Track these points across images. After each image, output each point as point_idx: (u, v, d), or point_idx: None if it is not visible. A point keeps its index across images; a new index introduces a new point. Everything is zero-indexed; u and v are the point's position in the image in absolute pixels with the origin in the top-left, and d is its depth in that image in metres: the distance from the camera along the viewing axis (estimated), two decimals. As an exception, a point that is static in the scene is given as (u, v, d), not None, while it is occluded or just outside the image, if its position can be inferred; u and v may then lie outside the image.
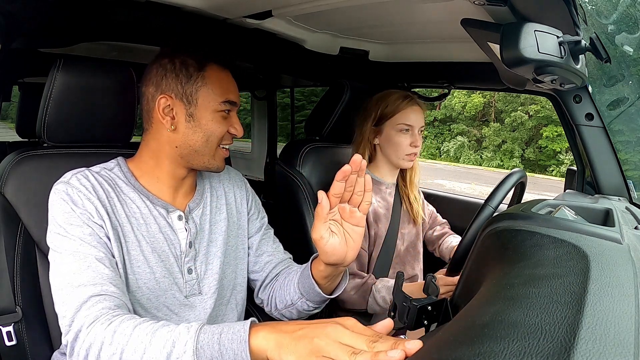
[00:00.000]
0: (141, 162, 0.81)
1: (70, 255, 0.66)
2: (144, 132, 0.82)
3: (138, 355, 0.55)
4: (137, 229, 0.75)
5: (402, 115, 1.24)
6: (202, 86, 0.76)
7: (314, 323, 0.52)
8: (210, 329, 0.56)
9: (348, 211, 0.69)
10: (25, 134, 2.56)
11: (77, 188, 0.71)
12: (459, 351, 0.29)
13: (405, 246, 1.32)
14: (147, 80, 0.78)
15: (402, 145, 1.25)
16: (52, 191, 0.72)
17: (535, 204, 0.69)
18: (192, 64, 0.77)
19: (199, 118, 0.77)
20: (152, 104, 0.78)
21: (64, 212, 0.69)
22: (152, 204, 0.78)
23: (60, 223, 0.69)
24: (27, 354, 0.81)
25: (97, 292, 0.63)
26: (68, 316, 0.62)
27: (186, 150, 0.78)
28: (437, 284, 0.66)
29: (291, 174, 1.33)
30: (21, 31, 0.92)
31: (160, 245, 0.77)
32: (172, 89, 0.76)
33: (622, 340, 0.28)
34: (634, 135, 1.32)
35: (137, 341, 0.56)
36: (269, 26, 1.11)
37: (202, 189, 0.87)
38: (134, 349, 0.56)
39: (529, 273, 0.41)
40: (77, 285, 0.64)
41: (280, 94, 3.14)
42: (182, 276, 0.79)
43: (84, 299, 0.62)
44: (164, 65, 0.77)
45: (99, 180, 0.74)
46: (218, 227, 0.86)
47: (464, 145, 17.95)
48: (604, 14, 1.13)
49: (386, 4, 0.93)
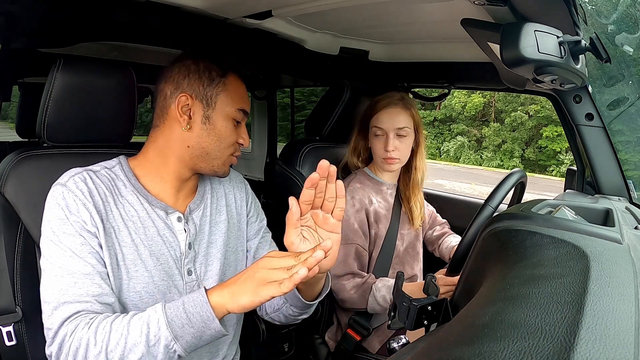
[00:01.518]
0: (146, 160, 0.81)
1: (59, 268, 0.67)
2: (152, 129, 0.81)
3: (120, 347, 0.61)
4: (135, 232, 0.75)
5: (376, 119, 1.23)
6: (222, 91, 0.79)
7: (248, 268, 0.64)
8: (173, 304, 0.64)
9: (321, 217, 0.69)
10: (25, 134, 2.56)
11: (73, 192, 0.71)
12: (459, 351, 0.29)
13: (404, 246, 1.32)
14: (167, 78, 0.79)
15: (376, 149, 1.24)
16: (50, 192, 0.72)
17: (535, 204, 0.69)
18: (215, 69, 0.79)
19: (215, 122, 0.79)
20: (169, 101, 0.78)
21: (59, 219, 0.69)
22: (150, 205, 0.78)
23: (54, 229, 0.69)
24: (27, 354, 0.81)
25: (81, 309, 0.66)
26: (53, 329, 0.65)
27: (197, 152, 0.79)
28: (437, 284, 0.66)
29: (291, 174, 1.33)
30: (21, 31, 0.92)
31: (159, 248, 0.77)
32: (193, 89, 0.77)
33: (622, 340, 0.28)
34: (634, 135, 1.31)
35: (116, 335, 0.62)
36: (269, 26, 1.11)
37: (203, 191, 0.87)
38: (116, 342, 0.61)
39: (529, 273, 0.41)
40: (63, 302, 0.66)
41: (280, 94, 3.14)
42: (181, 278, 0.79)
43: (67, 315, 0.65)
44: (187, 66, 0.78)
45: (96, 183, 0.74)
46: (218, 229, 0.87)
47: (464, 145, 17.95)
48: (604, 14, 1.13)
49: (386, 4, 0.93)
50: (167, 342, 0.61)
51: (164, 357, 0.62)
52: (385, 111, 1.21)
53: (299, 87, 2.74)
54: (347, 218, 1.21)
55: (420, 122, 1.28)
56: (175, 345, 0.62)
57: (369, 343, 1.25)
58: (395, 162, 1.23)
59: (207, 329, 0.63)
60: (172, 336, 0.61)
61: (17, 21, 0.86)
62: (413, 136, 1.25)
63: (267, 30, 1.14)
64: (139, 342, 0.61)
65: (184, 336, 0.62)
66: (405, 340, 0.86)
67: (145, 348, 0.61)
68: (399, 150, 1.22)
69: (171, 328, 0.62)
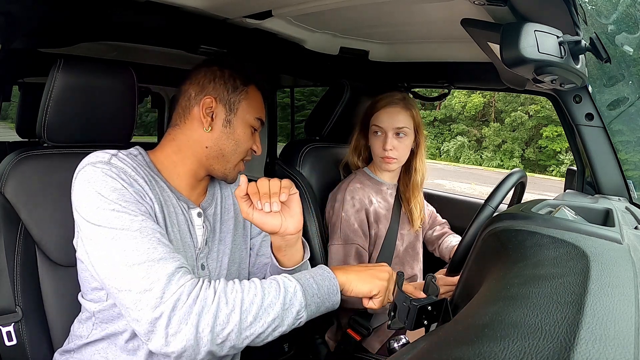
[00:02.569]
0: (163, 155, 0.82)
1: (137, 231, 0.64)
2: (171, 127, 0.83)
3: (256, 305, 0.63)
4: (168, 216, 0.76)
5: (375, 117, 1.23)
6: (244, 99, 0.83)
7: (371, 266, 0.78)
8: (302, 275, 0.70)
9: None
10: (25, 134, 2.55)
11: (121, 168, 0.70)
12: (459, 351, 0.29)
13: (404, 247, 1.31)
14: (193, 80, 0.82)
15: (375, 148, 1.24)
16: (88, 169, 0.68)
17: (535, 204, 0.69)
18: (239, 78, 0.83)
19: (235, 127, 0.82)
20: (193, 102, 0.81)
21: (115, 189, 0.66)
22: (176, 197, 0.80)
23: (112, 199, 0.65)
24: (27, 354, 0.81)
25: (179, 264, 0.63)
26: (156, 289, 0.59)
27: (215, 153, 0.82)
28: (437, 284, 0.66)
29: (291, 173, 1.33)
30: (21, 31, 0.92)
31: (184, 236, 0.79)
32: (218, 93, 0.81)
33: (622, 340, 0.28)
34: (634, 135, 1.31)
35: (250, 294, 0.63)
36: (269, 26, 1.11)
37: (213, 190, 0.90)
38: (251, 300, 0.63)
39: (529, 273, 0.41)
40: (158, 259, 0.62)
41: (280, 94, 3.14)
42: (196, 271, 0.81)
43: (171, 271, 0.61)
44: (213, 72, 0.82)
45: (135, 164, 0.74)
46: (226, 227, 0.89)
47: (464, 145, 17.95)
48: (604, 14, 1.13)
49: (386, 4, 0.94)
50: (300, 308, 0.65)
51: (292, 322, 0.66)
52: (385, 110, 1.21)
53: (299, 87, 2.74)
54: (348, 218, 1.21)
55: (421, 123, 1.27)
56: (303, 312, 0.66)
57: (368, 343, 1.25)
58: (393, 162, 1.22)
59: (329, 301, 0.69)
60: (305, 303, 0.66)
61: (17, 21, 0.86)
62: (413, 137, 1.25)
63: (267, 30, 1.14)
64: (275, 303, 0.64)
65: (311, 305, 0.67)
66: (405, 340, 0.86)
67: (281, 309, 0.64)
68: (397, 150, 1.21)
69: (305, 295, 0.66)
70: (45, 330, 0.84)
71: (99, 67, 0.88)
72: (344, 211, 1.21)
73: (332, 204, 1.26)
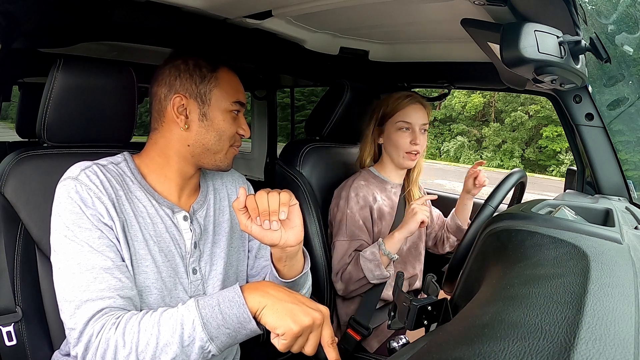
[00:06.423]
0: (149, 159, 0.81)
1: (77, 265, 0.65)
2: (152, 131, 0.82)
3: (151, 347, 0.60)
4: (145, 228, 0.75)
5: (402, 114, 1.25)
6: (215, 87, 0.79)
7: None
8: (207, 303, 0.62)
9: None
10: (25, 134, 2.56)
11: (86, 185, 0.70)
12: (459, 351, 0.29)
13: (407, 246, 1.32)
14: (159, 80, 0.79)
15: (401, 143, 1.25)
16: (60, 187, 0.70)
17: (535, 204, 0.69)
18: (204, 65, 0.79)
19: (212, 118, 0.79)
20: (164, 104, 0.78)
21: (72, 212, 0.68)
22: (158, 203, 0.78)
23: (67, 224, 0.67)
24: (27, 354, 0.81)
25: (105, 306, 0.65)
26: (77, 329, 0.63)
27: (198, 149, 0.79)
28: (437, 284, 0.66)
29: (291, 174, 1.33)
30: (21, 31, 0.92)
31: (167, 244, 0.77)
32: (186, 88, 0.78)
33: (622, 340, 0.28)
34: (634, 135, 1.31)
35: (146, 335, 0.61)
36: (269, 26, 1.11)
37: (206, 191, 0.88)
38: (146, 342, 0.60)
39: (529, 273, 0.41)
40: (85, 300, 0.64)
41: (280, 94, 3.14)
42: (187, 276, 0.79)
43: (92, 314, 0.64)
44: (177, 66, 0.78)
45: (107, 177, 0.73)
46: (222, 229, 0.87)
47: (464, 145, 17.95)
48: (604, 14, 1.13)
49: (386, 4, 0.93)
50: (203, 343, 0.61)
51: (198, 357, 0.61)
52: (412, 107, 1.25)
53: (299, 87, 2.73)
54: (353, 215, 1.22)
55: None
56: (210, 346, 0.61)
57: (368, 343, 1.25)
58: (417, 158, 1.27)
59: (243, 329, 0.62)
60: (208, 337, 0.61)
61: (17, 21, 0.86)
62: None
63: (267, 30, 1.14)
64: (172, 342, 0.60)
65: (219, 336, 0.61)
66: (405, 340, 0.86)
67: (179, 348, 0.60)
68: (422, 145, 1.26)
69: (207, 329, 0.61)
70: (45, 330, 0.84)
71: (99, 67, 0.88)
72: (349, 208, 1.23)
73: (337, 201, 1.27)
